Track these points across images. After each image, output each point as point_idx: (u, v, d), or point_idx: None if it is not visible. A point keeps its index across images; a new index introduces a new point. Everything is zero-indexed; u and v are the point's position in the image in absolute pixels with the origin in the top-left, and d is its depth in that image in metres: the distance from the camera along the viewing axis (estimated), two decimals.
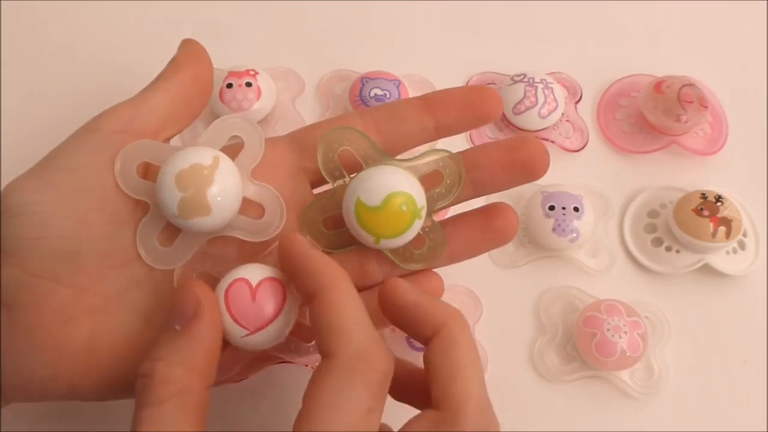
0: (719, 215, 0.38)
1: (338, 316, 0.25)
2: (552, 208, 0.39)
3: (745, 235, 0.41)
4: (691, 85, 0.42)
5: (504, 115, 0.42)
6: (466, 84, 0.45)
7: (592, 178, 0.42)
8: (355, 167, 0.30)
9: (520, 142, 0.31)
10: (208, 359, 0.25)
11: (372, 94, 0.41)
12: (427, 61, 0.45)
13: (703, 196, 0.39)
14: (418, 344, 0.35)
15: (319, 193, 0.32)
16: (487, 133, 0.43)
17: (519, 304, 0.40)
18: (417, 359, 0.36)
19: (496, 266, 0.40)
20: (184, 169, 0.27)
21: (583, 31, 0.48)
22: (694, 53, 0.47)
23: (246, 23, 0.47)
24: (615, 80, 0.45)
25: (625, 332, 0.36)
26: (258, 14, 0.47)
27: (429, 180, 0.30)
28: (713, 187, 0.40)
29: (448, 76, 0.45)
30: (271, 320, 0.27)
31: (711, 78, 0.44)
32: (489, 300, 0.39)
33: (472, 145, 0.43)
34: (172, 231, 0.29)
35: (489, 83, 0.45)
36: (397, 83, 0.42)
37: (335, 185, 0.31)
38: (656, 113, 0.42)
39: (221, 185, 0.28)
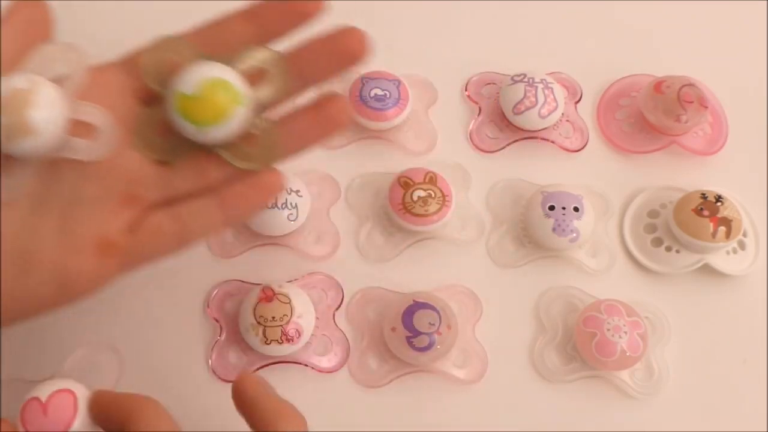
0: (719, 215, 0.38)
1: None
2: (552, 208, 0.39)
3: (745, 235, 0.41)
4: (691, 85, 0.42)
5: (504, 115, 0.42)
6: (466, 83, 0.45)
7: (592, 178, 0.42)
8: None
9: (340, 31, 0.32)
10: None
11: (372, 94, 0.41)
12: (427, 61, 0.45)
13: (703, 196, 0.39)
14: (418, 344, 0.35)
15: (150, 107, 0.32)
16: (487, 134, 0.43)
17: (519, 304, 0.40)
18: (417, 360, 0.36)
19: (496, 266, 0.40)
20: (5, 97, 0.28)
21: (583, 31, 0.48)
22: (694, 53, 0.47)
23: None
24: (615, 80, 0.45)
25: (625, 332, 0.36)
26: None
27: (256, 79, 0.31)
28: (713, 187, 0.40)
29: (448, 76, 0.45)
30: (68, 426, 0.29)
31: (711, 78, 0.44)
32: (489, 300, 0.39)
33: (469, 139, 0.43)
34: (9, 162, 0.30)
35: (489, 83, 0.45)
36: (397, 83, 0.42)
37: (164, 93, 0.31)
38: (656, 113, 0.42)
39: (43, 105, 0.28)
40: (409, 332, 0.36)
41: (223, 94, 0.29)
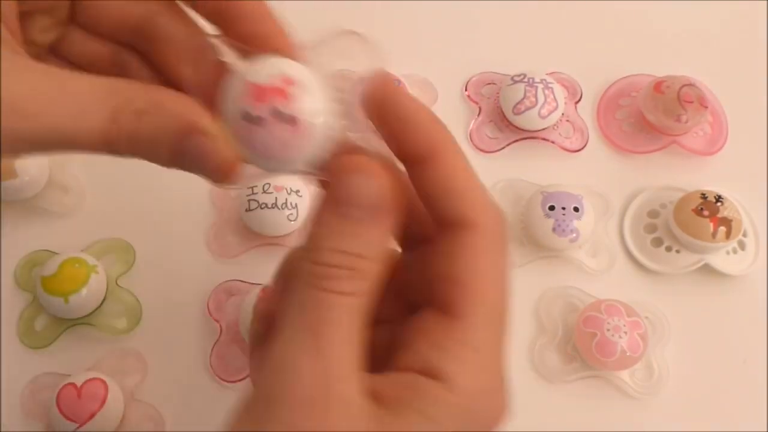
0: (719, 215, 0.38)
1: (468, 180, 0.22)
2: (552, 208, 0.39)
3: (745, 235, 0.41)
4: (691, 85, 0.42)
5: (504, 115, 0.42)
6: (466, 83, 0.45)
7: (592, 178, 0.42)
8: None
9: None
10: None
11: None
12: (427, 61, 0.45)
13: (703, 196, 0.39)
14: None
15: None
16: (487, 134, 0.43)
17: (519, 304, 0.39)
18: None
19: None
20: None
21: (583, 31, 0.48)
22: (694, 53, 0.47)
23: None
24: (615, 80, 0.45)
25: (625, 332, 0.36)
26: None
27: None
28: (713, 187, 0.40)
29: (448, 76, 0.45)
30: (95, 413, 0.34)
31: (711, 78, 0.44)
32: None
33: (468, 139, 0.43)
34: None
35: (489, 83, 0.45)
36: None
37: None
38: (656, 113, 0.42)
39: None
40: None
41: (79, 268, 0.37)
